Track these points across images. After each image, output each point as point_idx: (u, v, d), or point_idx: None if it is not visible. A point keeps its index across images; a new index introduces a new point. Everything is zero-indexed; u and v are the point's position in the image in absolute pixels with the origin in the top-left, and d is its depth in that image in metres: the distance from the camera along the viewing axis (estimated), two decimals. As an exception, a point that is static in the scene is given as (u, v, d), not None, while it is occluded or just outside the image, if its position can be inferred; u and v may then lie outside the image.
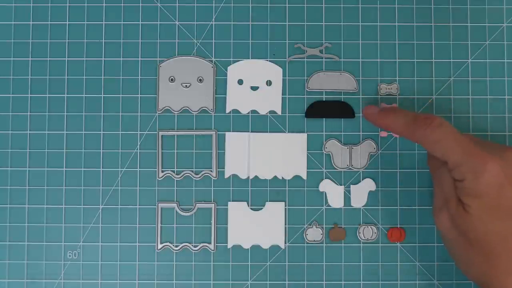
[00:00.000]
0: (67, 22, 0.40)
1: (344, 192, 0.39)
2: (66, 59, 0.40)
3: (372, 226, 0.39)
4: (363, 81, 0.40)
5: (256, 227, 0.39)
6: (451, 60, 0.40)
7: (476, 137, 0.34)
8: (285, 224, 0.39)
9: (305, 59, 0.40)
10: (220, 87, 0.40)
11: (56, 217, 0.39)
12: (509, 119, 0.39)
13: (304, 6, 0.40)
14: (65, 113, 0.39)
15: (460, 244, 0.32)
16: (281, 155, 0.39)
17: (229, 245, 0.39)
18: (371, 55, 0.40)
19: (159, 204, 0.39)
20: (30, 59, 0.40)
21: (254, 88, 0.40)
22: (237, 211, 0.39)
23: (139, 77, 0.40)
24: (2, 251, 0.39)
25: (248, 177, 0.39)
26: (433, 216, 0.34)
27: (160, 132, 0.39)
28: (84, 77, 0.39)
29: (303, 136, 0.39)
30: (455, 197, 0.32)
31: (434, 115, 0.33)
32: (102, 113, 0.39)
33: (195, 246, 0.39)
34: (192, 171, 0.39)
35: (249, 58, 0.40)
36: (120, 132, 0.39)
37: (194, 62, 0.40)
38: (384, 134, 0.39)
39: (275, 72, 0.40)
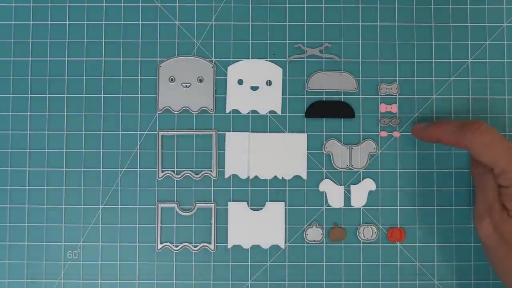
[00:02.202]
0: (67, 22, 0.40)
1: (344, 192, 0.39)
2: (66, 59, 0.40)
3: (372, 226, 0.39)
4: (363, 81, 0.40)
5: (256, 227, 0.39)
6: (451, 60, 0.40)
7: None
8: (285, 224, 0.39)
9: (305, 59, 0.40)
10: (220, 87, 0.40)
11: (56, 217, 0.39)
12: (509, 119, 0.39)
13: (304, 6, 0.40)
14: (65, 113, 0.39)
15: (502, 251, 0.32)
16: (281, 155, 0.39)
17: (229, 245, 0.39)
18: (371, 55, 0.40)
19: (159, 204, 0.39)
20: (30, 59, 0.40)
21: (254, 88, 0.40)
22: (237, 211, 0.39)
23: (139, 77, 0.40)
24: (2, 251, 0.39)
25: (248, 177, 0.39)
26: (474, 223, 0.34)
27: (160, 132, 0.39)
28: (84, 77, 0.39)
29: (303, 136, 0.39)
30: (499, 203, 0.32)
31: (480, 120, 0.34)
32: (102, 113, 0.39)
33: (195, 246, 0.39)
34: (192, 171, 0.39)
35: (249, 58, 0.40)
36: (120, 132, 0.39)
37: (194, 62, 0.40)
38: (384, 134, 0.39)
39: (275, 72, 0.40)
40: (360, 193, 0.39)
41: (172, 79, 0.40)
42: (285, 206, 0.39)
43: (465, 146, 0.33)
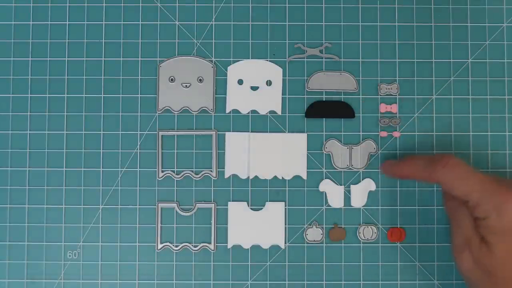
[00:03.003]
0: (67, 22, 0.40)
1: (344, 192, 0.39)
2: (66, 59, 0.40)
3: (372, 226, 0.39)
4: (363, 81, 0.40)
5: (256, 227, 0.39)
6: (451, 60, 0.40)
7: (494, 175, 0.35)
8: (285, 224, 0.39)
9: (305, 59, 0.40)
10: (220, 87, 0.40)
11: (56, 217, 0.39)
12: (509, 119, 0.39)
13: (304, 6, 0.40)
14: (65, 113, 0.39)
15: (484, 284, 0.32)
16: (281, 155, 0.39)
17: (229, 245, 0.39)
18: (371, 55, 0.40)
19: (159, 204, 0.39)
20: (30, 59, 0.40)
21: (254, 88, 0.40)
22: (237, 211, 0.39)
23: (139, 77, 0.40)
24: (2, 251, 0.39)
25: (248, 177, 0.39)
26: (453, 258, 0.34)
27: (160, 132, 0.39)
28: (84, 77, 0.39)
29: (303, 136, 0.39)
30: (478, 236, 0.32)
31: (449, 154, 0.34)
32: (102, 113, 0.39)
33: (195, 246, 0.39)
34: (192, 171, 0.39)
35: (249, 58, 0.40)
36: (120, 132, 0.39)
37: (194, 62, 0.40)
38: (384, 134, 0.39)
39: (275, 72, 0.40)
40: (360, 193, 0.39)
41: (172, 79, 0.40)
42: (285, 206, 0.39)
43: (437, 181, 0.33)
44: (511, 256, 0.31)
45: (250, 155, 0.39)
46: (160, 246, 0.39)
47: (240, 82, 0.40)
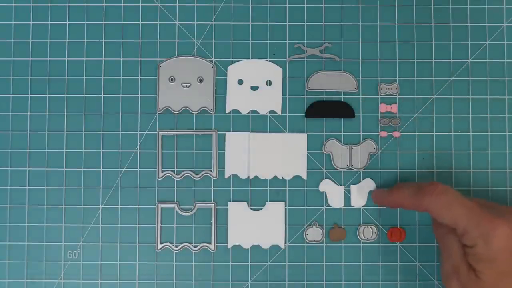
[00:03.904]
0: (67, 22, 0.40)
1: (344, 192, 0.39)
2: (66, 59, 0.40)
3: (372, 226, 0.39)
4: (363, 81, 0.40)
5: (256, 227, 0.39)
6: (451, 60, 0.40)
7: (482, 200, 0.34)
8: (285, 224, 0.39)
9: (305, 59, 0.40)
10: (220, 87, 0.40)
11: (56, 217, 0.39)
12: (509, 119, 0.39)
13: (304, 6, 0.40)
14: (65, 113, 0.39)
15: None
16: (281, 155, 0.39)
17: (229, 245, 0.39)
18: (371, 55, 0.40)
19: (159, 204, 0.39)
20: (30, 59, 0.40)
21: (254, 88, 0.40)
22: (237, 211, 0.39)
23: (139, 77, 0.40)
24: (2, 251, 0.39)
25: (248, 177, 0.39)
26: (443, 283, 0.34)
27: (160, 132, 0.39)
28: (84, 77, 0.39)
29: (303, 136, 0.39)
30: (466, 264, 0.32)
31: (437, 182, 0.33)
32: (102, 113, 0.39)
33: (195, 246, 0.39)
34: (192, 171, 0.39)
35: (249, 58, 0.40)
36: (120, 132, 0.39)
37: (194, 62, 0.40)
38: (384, 134, 0.39)
39: (275, 72, 0.40)
40: (360, 193, 0.39)
41: (172, 79, 0.40)
42: (285, 206, 0.39)
43: (425, 209, 0.33)
44: (499, 283, 0.30)
45: (250, 155, 0.39)
46: (160, 246, 0.39)
47: (240, 82, 0.40)
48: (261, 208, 0.39)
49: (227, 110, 0.39)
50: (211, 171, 0.39)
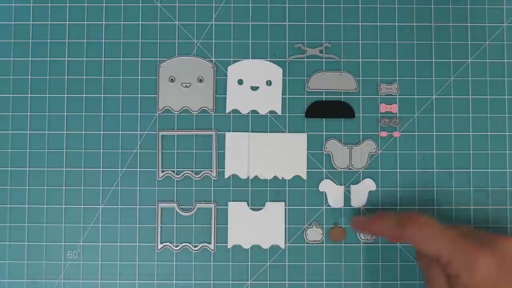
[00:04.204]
0: (67, 22, 0.40)
1: (344, 192, 0.39)
2: (66, 59, 0.40)
3: (372, 226, 0.39)
4: (363, 81, 0.40)
5: (256, 227, 0.39)
6: (451, 60, 0.40)
7: (464, 226, 0.34)
8: (285, 224, 0.39)
9: (305, 59, 0.40)
10: (220, 87, 0.40)
11: (56, 217, 0.39)
12: (509, 119, 0.39)
13: (304, 6, 0.40)
14: (65, 113, 0.39)
15: None
16: (281, 155, 0.39)
17: (229, 245, 0.39)
18: (371, 55, 0.40)
19: (159, 204, 0.39)
20: (30, 59, 0.40)
21: (254, 88, 0.40)
22: (237, 211, 0.39)
23: (139, 77, 0.40)
24: (2, 251, 0.39)
25: (248, 177, 0.39)
26: None
27: (160, 132, 0.39)
28: (84, 77, 0.39)
29: (303, 136, 0.39)
30: None
31: (418, 212, 0.33)
32: (102, 113, 0.39)
33: (195, 246, 0.39)
34: (192, 171, 0.39)
35: (249, 58, 0.40)
36: (120, 132, 0.39)
37: (194, 62, 0.40)
38: (384, 134, 0.39)
39: (275, 72, 0.40)
40: (360, 193, 0.39)
41: (172, 79, 0.40)
42: (285, 206, 0.39)
43: (407, 240, 0.33)
44: None
45: (250, 155, 0.39)
46: (160, 246, 0.39)
47: (240, 82, 0.40)
48: (261, 208, 0.39)
49: (227, 110, 0.39)
50: (211, 171, 0.39)
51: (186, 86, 0.40)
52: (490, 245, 0.31)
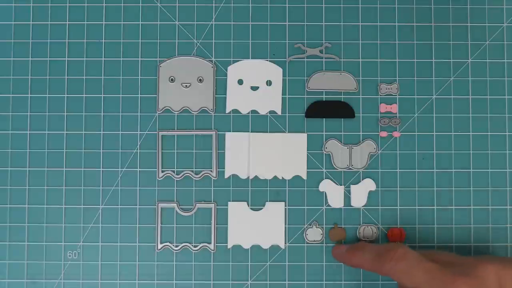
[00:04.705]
0: (67, 22, 0.40)
1: (344, 192, 0.39)
2: (66, 59, 0.40)
3: (372, 226, 0.39)
4: (363, 81, 0.40)
5: (256, 227, 0.39)
6: (451, 60, 0.40)
7: (444, 254, 0.34)
8: (285, 224, 0.39)
9: (305, 59, 0.40)
10: (220, 87, 0.40)
11: (56, 217, 0.39)
12: (509, 119, 0.39)
13: (304, 6, 0.40)
14: (65, 113, 0.39)
15: None
16: (281, 155, 0.39)
17: (229, 245, 0.39)
18: (371, 55, 0.40)
19: (159, 204, 0.39)
20: (30, 59, 0.40)
21: (254, 88, 0.40)
22: (237, 211, 0.39)
23: (139, 77, 0.40)
24: (2, 251, 0.39)
25: (248, 177, 0.39)
26: None
27: (160, 132, 0.39)
28: (84, 77, 0.39)
29: (303, 136, 0.39)
30: None
31: (397, 245, 0.33)
32: (102, 113, 0.39)
33: (195, 246, 0.39)
34: (192, 171, 0.39)
35: (249, 58, 0.40)
36: (120, 132, 0.39)
37: (194, 62, 0.40)
38: (384, 134, 0.39)
39: (275, 72, 0.40)
40: (360, 193, 0.39)
41: (172, 79, 0.40)
42: (285, 206, 0.39)
43: (386, 274, 0.33)
44: None
45: (250, 155, 0.39)
46: (160, 246, 0.39)
47: (240, 82, 0.40)
48: (261, 208, 0.39)
49: (227, 110, 0.39)
50: (211, 171, 0.39)
51: (186, 86, 0.40)
52: (469, 274, 0.30)
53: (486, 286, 0.30)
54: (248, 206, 0.39)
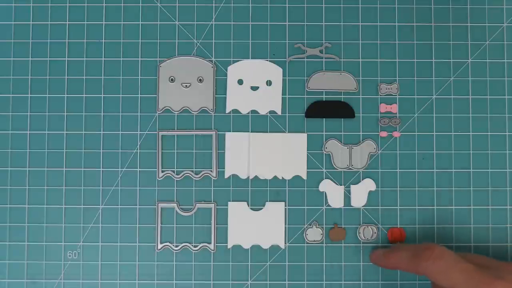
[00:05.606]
0: (67, 22, 0.40)
1: (344, 192, 0.39)
2: (66, 59, 0.40)
3: (372, 226, 0.39)
4: (363, 81, 0.40)
5: (256, 227, 0.39)
6: (451, 60, 0.40)
7: (480, 257, 0.34)
8: (285, 224, 0.39)
9: (305, 59, 0.40)
10: (220, 87, 0.40)
11: (56, 217, 0.39)
12: (509, 119, 0.39)
13: (304, 6, 0.40)
14: (65, 113, 0.39)
15: None
16: (281, 155, 0.39)
17: (229, 245, 0.39)
18: (371, 55, 0.40)
19: (159, 204, 0.39)
20: (30, 59, 0.40)
21: (254, 88, 0.40)
22: (237, 211, 0.39)
23: (139, 77, 0.40)
24: (2, 251, 0.39)
25: (248, 177, 0.39)
26: None
27: (160, 132, 0.39)
28: (84, 77, 0.39)
29: (303, 136, 0.39)
30: None
31: (434, 244, 0.33)
32: (102, 113, 0.39)
33: (195, 246, 0.39)
34: (192, 171, 0.39)
35: (249, 58, 0.40)
36: (120, 132, 0.39)
37: (194, 62, 0.40)
38: (384, 134, 0.39)
39: (275, 72, 0.40)
40: (360, 193, 0.39)
41: (172, 79, 0.40)
42: (285, 206, 0.39)
43: (423, 273, 0.33)
44: None
45: (250, 155, 0.39)
46: (160, 246, 0.39)
47: (240, 82, 0.40)
48: (261, 208, 0.39)
49: (227, 110, 0.39)
50: (211, 171, 0.39)
51: (186, 86, 0.40)
52: (505, 278, 0.30)
53: None
54: (248, 206, 0.39)
